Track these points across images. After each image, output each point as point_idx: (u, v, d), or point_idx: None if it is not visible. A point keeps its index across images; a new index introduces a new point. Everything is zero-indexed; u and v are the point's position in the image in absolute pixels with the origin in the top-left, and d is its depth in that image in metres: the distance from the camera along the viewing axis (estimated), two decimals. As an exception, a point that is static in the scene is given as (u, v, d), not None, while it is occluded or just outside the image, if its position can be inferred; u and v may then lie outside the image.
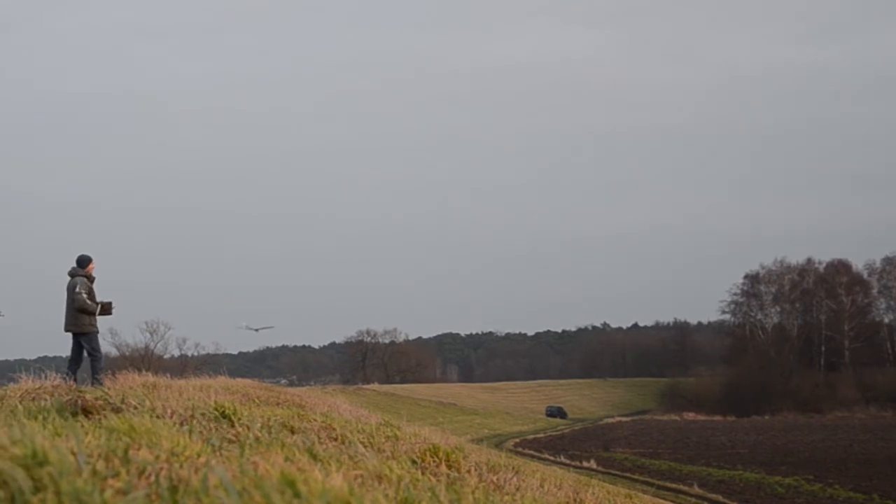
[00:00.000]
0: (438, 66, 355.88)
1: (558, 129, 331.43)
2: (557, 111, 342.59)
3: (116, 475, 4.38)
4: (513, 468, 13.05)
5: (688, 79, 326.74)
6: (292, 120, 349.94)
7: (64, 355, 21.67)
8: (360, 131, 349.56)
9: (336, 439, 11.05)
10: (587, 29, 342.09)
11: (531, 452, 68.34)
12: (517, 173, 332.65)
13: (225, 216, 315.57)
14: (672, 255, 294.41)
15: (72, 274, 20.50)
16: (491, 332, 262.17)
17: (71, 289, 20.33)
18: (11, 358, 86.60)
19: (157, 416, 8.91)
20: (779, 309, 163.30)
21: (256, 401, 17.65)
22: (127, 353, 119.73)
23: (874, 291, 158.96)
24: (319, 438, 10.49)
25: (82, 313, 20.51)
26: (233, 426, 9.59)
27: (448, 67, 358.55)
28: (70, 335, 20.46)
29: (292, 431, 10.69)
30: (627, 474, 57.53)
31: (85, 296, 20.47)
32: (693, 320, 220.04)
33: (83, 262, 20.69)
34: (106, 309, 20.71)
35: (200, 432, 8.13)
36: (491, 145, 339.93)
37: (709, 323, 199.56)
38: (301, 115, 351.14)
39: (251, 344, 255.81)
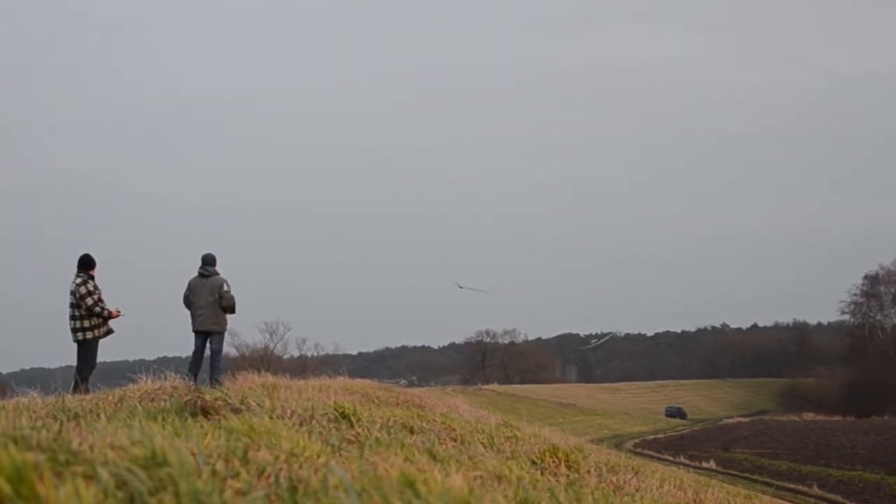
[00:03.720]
0: (548, 68, 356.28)
1: (670, 130, 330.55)
2: (669, 113, 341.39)
3: (236, 476, 4.38)
4: (632, 469, 12.94)
5: (796, 81, 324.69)
6: (404, 121, 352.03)
7: (183, 356, 21.86)
8: (470, 132, 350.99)
9: (456, 440, 11.01)
10: (694, 33, 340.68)
11: (651, 453, 67.93)
12: (632, 174, 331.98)
13: (343, 217, 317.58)
14: (791, 256, 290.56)
15: (206, 273, 20.55)
16: (610, 333, 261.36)
17: (218, 286, 20.40)
18: (131, 358, 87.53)
19: (277, 417, 8.94)
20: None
21: (376, 401, 17.70)
22: (246, 354, 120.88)
23: None
24: (439, 439, 10.46)
25: (227, 312, 20.66)
26: (352, 427, 9.59)
27: (558, 69, 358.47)
28: (193, 335, 20.60)
29: (412, 432, 10.67)
30: (747, 475, 56.95)
31: (233, 294, 20.64)
32: (812, 321, 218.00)
33: (213, 260, 20.78)
34: None
35: (320, 433, 8.13)
36: (602, 146, 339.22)
37: (828, 323, 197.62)
38: (411, 116, 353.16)
39: (372, 344, 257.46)
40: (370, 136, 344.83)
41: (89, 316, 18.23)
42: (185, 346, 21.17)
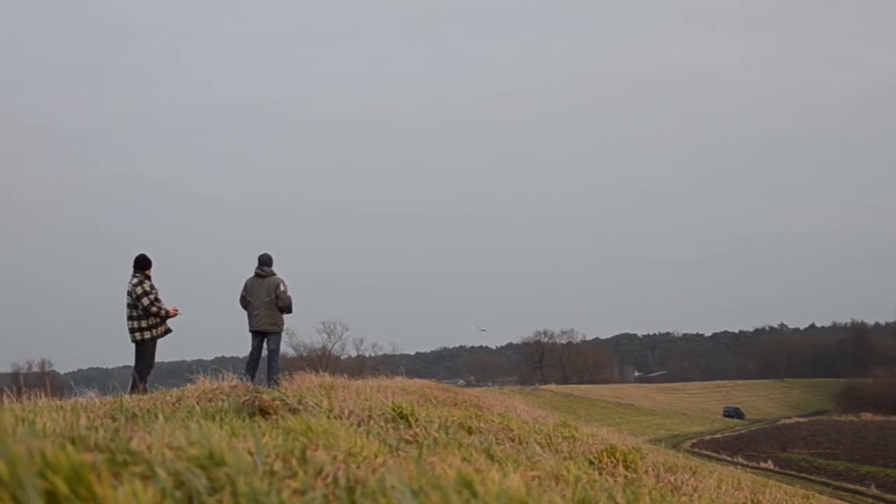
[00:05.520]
0: (597, 69, 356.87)
1: (725, 131, 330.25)
2: (724, 113, 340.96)
3: (294, 476, 4.37)
4: (690, 469, 12.89)
5: (848, 82, 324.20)
6: (463, 121, 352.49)
7: (241, 356, 21.90)
8: (530, 132, 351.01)
9: (513, 440, 10.99)
10: (744, 34, 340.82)
11: (708, 453, 67.75)
12: (688, 174, 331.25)
13: (400, 216, 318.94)
14: (849, 255, 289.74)
15: (263, 273, 20.58)
16: (668, 333, 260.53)
17: (274, 287, 20.42)
18: (189, 358, 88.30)
19: (335, 417, 8.94)
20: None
21: (434, 401, 17.66)
22: (304, 354, 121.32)
23: None
24: (497, 439, 10.43)
25: (284, 312, 20.69)
26: (410, 427, 9.57)
27: (607, 71, 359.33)
28: (250, 335, 20.66)
29: (469, 432, 10.65)
30: (804, 475, 56.63)
31: (290, 294, 20.68)
32: (870, 321, 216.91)
33: (269, 260, 20.81)
34: None
35: (378, 433, 8.12)
36: (657, 146, 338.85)
37: (886, 324, 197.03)
38: (470, 116, 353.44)
39: (430, 344, 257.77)
40: (425, 136, 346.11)
41: (146, 316, 18.27)
42: (242, 346, 21.24)
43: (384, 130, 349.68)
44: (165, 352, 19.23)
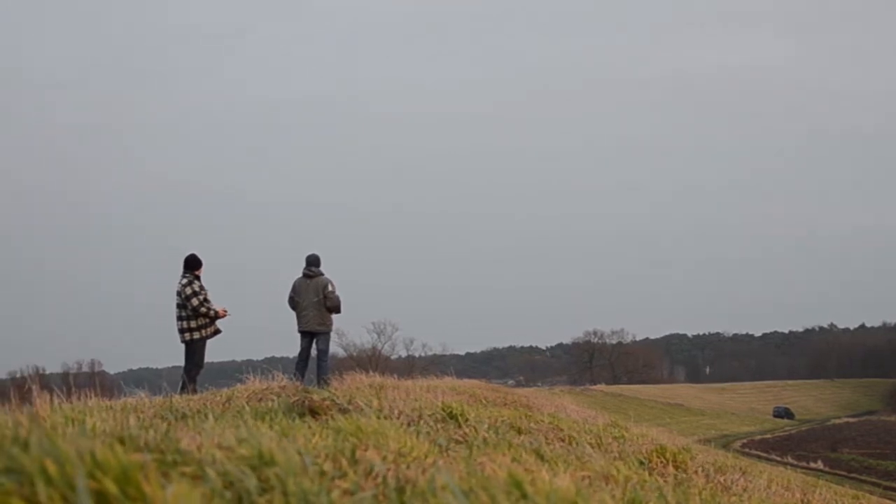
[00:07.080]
0: (636, 69, 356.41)
1: (774, 131, 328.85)
2: (774, 113, 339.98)
3: (344, 476, 4.35)
4: (740, 469, 12.81)
5: (889, 81, 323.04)
6: (503, 122, 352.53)
7: (291, 356, 21.94)
8: (568, 132, 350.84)
9: (563, 440, 10.96)
10: (786, 35, 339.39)
11: (758, 453, 67.47)
12: (736, 174, 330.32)
13: (452, 217, 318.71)
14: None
15: (311, 274, 20.58)
16: (718, 333, 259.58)
17: (322, 287, 20.41)
18: (239, 359, 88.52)
19: (385, 417, 8.91)
20: None
21: (484, 401, 17.63)
22: (354, 354, 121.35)
23: None
24: (547, 439, 10.40)
25: (332, 312, 20.70)
26: (460, 427, 9.54)
27: (646, 71, 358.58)
28: (298, 335, 20.68)
29: (519, 432, 10.62)
30: (854, 475, 56.24)
31: (338, 294, 20.70)
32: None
33: (317, 260, 20.83)
34: None
35: (427, 433, 8.10)
36: (697, 147, 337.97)
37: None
38: (508, 117, 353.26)
39: (480, 344, 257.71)
40: (476, 135, 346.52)
41: (196, 316, 18.29)
42: (292, 346, 21.25)
43: (434, 130, 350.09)
44: (215, 352, 19.34)
